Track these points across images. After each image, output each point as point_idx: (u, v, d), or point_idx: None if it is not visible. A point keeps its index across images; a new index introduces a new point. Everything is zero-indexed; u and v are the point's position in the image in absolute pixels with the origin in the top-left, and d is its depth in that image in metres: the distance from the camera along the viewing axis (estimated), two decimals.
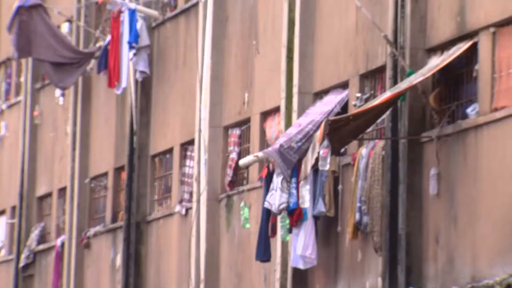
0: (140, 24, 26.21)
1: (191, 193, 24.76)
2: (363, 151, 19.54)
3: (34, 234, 31.34)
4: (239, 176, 23.48)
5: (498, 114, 17.00)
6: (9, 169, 33.43)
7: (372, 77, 19.83)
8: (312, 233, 20.09)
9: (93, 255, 28.94)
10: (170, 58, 26.23)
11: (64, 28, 29.34)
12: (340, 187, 20.17)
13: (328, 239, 20.36)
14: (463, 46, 17.72)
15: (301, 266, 20.28)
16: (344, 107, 20.02)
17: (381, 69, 19.36)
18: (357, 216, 19.44)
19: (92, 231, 28.77)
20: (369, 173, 19.33)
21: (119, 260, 27.10)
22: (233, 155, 23.70)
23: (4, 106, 33.75)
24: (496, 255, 16.87)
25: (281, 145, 19.97)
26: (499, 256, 16.80)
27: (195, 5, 24.96)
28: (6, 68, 34.00)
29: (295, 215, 20.11)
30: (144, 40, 26.32)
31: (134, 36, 26.15)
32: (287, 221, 20.36)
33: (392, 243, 18.58)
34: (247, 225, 22.62)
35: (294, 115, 21.11)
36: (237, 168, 23.37)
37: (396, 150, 18.75)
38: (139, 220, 26.73)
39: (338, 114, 19.61)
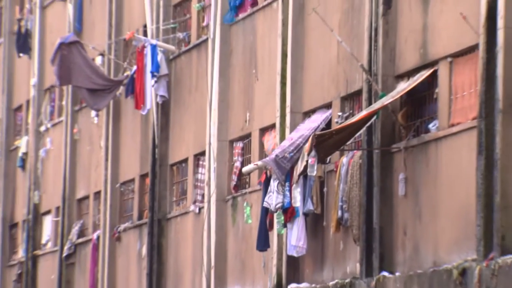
0: (160, 57, 26.20)
1: (203, 195, 24.74)
2: (344, 159, 19.52)
3: (75, 229, 31.34)
4: (242, 181, 23.43)
5: (454, 129, 17.06)
6: (53, 176, 33.38)
7: (351, 99, 19.79)
8: (303, 227, 20.06)
9: (123, 247, 28.92)
10: (185, 85, 26.19)
11: (98, 60, 29.33)
12: (325, 189, 20.12)
13: (316, 232, 20.30)
14: (425, 73, 17.74)
15: (294, 254, 20.24)
16: (328, 124, 19.97)
17: (358, 93, 19.33)
18: (339, 213, 19.40)
19: (122, 227, 28.74)
20: (349, 178, 19.33)
21: (144, 251, 27.07)
22: (237, 164, 23.65)
23: (49, 125, 33.70)
24: (453, 245, 16.88)
25: (276, 155, 19.97)
26: (456, 246, 16.80)
27: (205, 41, 24.93)
28: (50, 94, 33.97)
29: (289, 212, 20.06)
30: (164, 70, 26.31)
31: (155, 67, 26.14)
32: (282, 218, 20.29)
33: (368, 235, 18.57)
34: (249, 221, 22.59)
35: (287, 130, 21.08)
36: (240, 174, 23.34)
37: (371, 159, 18.73)
38: (160, 218, 26.64)
39: (323, 129, 19.57)
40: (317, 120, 20.30)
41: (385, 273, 18.03)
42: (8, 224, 36.40)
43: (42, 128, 34.13)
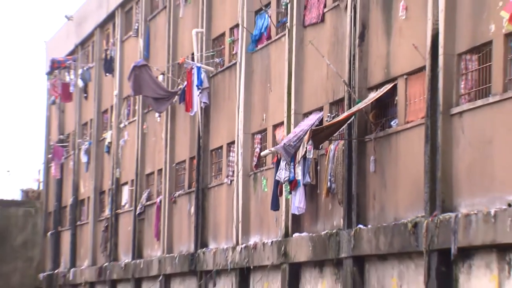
0: (203, 75, 26.24)
1: (233, 172, 24.71)
2: (332, 146, 19.44)
3: (144, 195, 31.43)
4: (260, 162, 23.39)
5: (409, 125, 17.06)
6: (129, 159, 33.50)
7: (336, 104, 19.72)
8: (303, 194, 20.03)
9: (177, 208, 28.94)
10: (220, 94, 26.22)
11: (160, 77, 29.44)
12: (318, 167, 20.04)
13: (312, 197, 20.24)
14: (388, 86, 17.69)
15: (296, 212, 20.25)
16: (321, 122, 19.94)
17: (341, 100, 19.23)
18: (328, 184, 19.41)
19: (177, 193, 28.85)
20: (335, 159, 19.29)
21: (192, 210, 27.18)
22: (257, 150, 23.66)
23: (126, 123, 33.87)
24: (408, 206, 16.88)
25: (284, 144, 19.94)
26: (410, 206, 16.80)
27: (234, 64, 24.94)
28: (127, 101, 34.09)
29: (293, 183, 20.00)
30: (205, 84, 26.34)
31: (200, 82, 26.19)
32: (288, 187, 20.26)
33: (348, 199, 18.52)
34: (265, 190, 22.56)
35: (292, 126, 21.04)
36: (259, 157, 23.31)
37: (350, 146, 18.65)
38: (203, 187, 26.63)
39: (317, 126, 19.53)
40: (313, 119, 20.25)
41: (361, 226, 17.99)
42: (98, 192, 36.69)
43: (121, 125, 34.31)
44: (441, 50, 15.72)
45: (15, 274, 41.75)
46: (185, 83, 26.97)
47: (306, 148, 19.09)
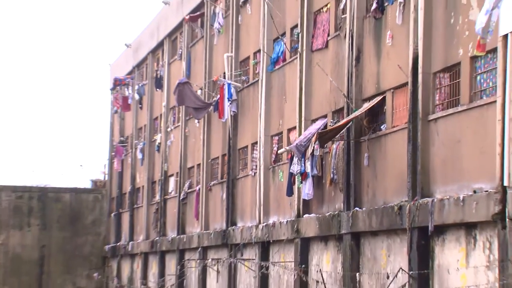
0: (232, 90, 26.20)
1: (256, 166, 24.67)
2: (334, 145, 19.38)
3: (186, 184, 31.38)
4: (278, 158, 23.34)
5: (395, 129, 17.01)
6: (174, 155, 33.59)
7: (338, 112, 19.66)
8: (311, 183, 19.98)
9: (212, 194, 28.84)
10: (246, 105, 26.15)
11: (198, 91, 29.47)
12: (323, 162, 19.99)
13: (318, 186, 20.16)
14: (379, 98, 17.64)
15: (306, 198, 20.21)
16: (325, 126, 19.86)
17: (342, 109, 19.19)
18: (332, 175, 19.34)
19: (212, 183, 28.82)
20: (337, 156, 19.25)
21: (224, 196, 27.21)
22: (275, 148, 23.59)
23: (172, 127, 33.90)
24: (394, 192, 16.81)
25: (296, 144, 19.89)
26: (396, 193, 16.73)
27: (257, 81, 24.88)
28: (172, 110, 34.07)
29: (303, 175, 19.94)
30: (234, 97, 26.29)
31: (230, 95, 26.15)
32: (300, 178, 20.22)
33: (347, 187, 18.47)
34: (282, 180, 22.52)
35: (302, 130, 21.02)
36: (277, 154, 23.22)
37: (349, 145, 18.60)
38: (233, 178, 26.58)
39: (322, 129, 19.48)
40: (319, 124, 20.17)
41: (357, 208, 17.93)
42: (151, 181, 36.71)
43: (168, 129, 34.29)
44: (420, 70, 15.70)
45: (86, 246, 42.02)
46: (218, 96, 26.94)
47: (314, 147, 19.12)
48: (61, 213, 41.41)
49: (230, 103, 26.26)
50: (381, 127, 17.68)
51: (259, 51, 24.84)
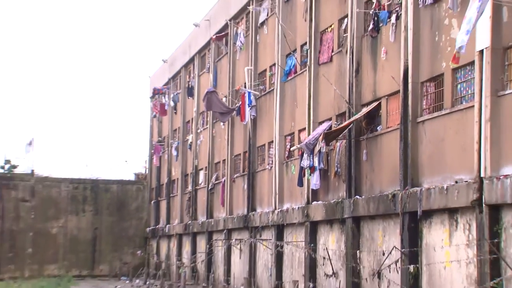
0: (252, 97, 26.19)
1: (272, 161, 24.57)
2: (338, 144, 19.30)
3: (213, 177, 31.27)
4: (290, 154, 23.22)
5: (389, 129, 16.93)
6: (203, 152, 33.44)
7: (340, 116, 19.57)
8: (318, 175, 19.86)
9: (236, 185, 28.55)
10: (264, 110, 26.01)
11: (224, 99, 29.18)
12: (329, 158, 19.90)
13: (324, 177, 20.04)
14: (375, 103, 17.57)
15: (314, 188, 20.09)
16: (330, 127, 19.69)
17: (344, 113, 19.09)
18: (336, 168, 19.29)
19: (235, 175, 28.64)
20: (340, 152, 19.17)
21: (245, 186, 27.07)
22: (288, 146, 23.45)
23: (201, 129, 33.64)
24: (389, 183, 16.75)
25: (306, 142, 19.82)
26: (390, 183, 16.67)
27: (272, 90, 24.80)
28: (202, 115, 33.77)
29: (312, 168, 19.85)
30: (253, 103, 26.24)
31: (250, 102, 26.11)
32: (309, 171, 20.10)
33: (349, 178, 18.39)
34: (294, 172, 22.41)
35: (311, 131, 20.90)
36: (289, 151, 23.12)
37: (350, 143, 18.53)
38: (252, 171, 26.49)
39: (328, 130, 19.34)
40: (325, 125, 20.08)
41: (357, 196, 17.87)
42: (184, 174, 36.31)
43: (198, 131, 34.08)
44: (410, 79, 15.68)
45: (131, 228, 42.10)
46: (240, 102, 26.90)
47: (321, 145, 19.04)
48: (110, 201, 41.46)
49: (250, 109, 26.26)
50: (377, 128, 17.63)
51: (274, 64, 24.82)
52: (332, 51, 20.16)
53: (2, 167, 41.33)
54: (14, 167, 41.46)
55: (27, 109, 73.03)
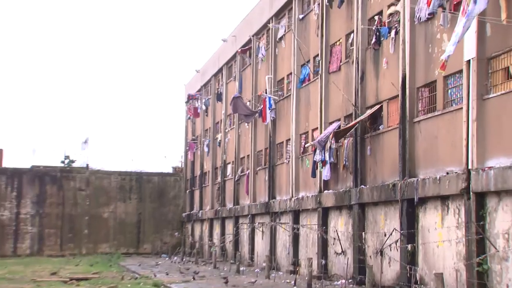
0: (272, 101, 26.22)
1: (289, 156, 24.55)
2: (346, 141, 19.25)
3: (239, 170, 31.02)
4: (305, 150, 23.13)
5: (389, 128, 16.89)
6: (231, 148, 33.34)
7: (348, 117, 19.51)
8: (329, 168, 19.85)
9: (258, 177, 28.48)
10: (282, 112, 25.97)
11: (248, 103, 29.14)
12: (338, 153, 19.85)
13: (334, 170, 20.02)
14: (377, 106, 17.54)
15: (325, 179, 20.07)
16: (339, 127, 19.63)
17: (351, 114, 19.05)
18: (344, 162, 19.22)
19: (258, 168, 28.56)
20: (348, 148, 19.09)
21: (267, 178, 26.83)
22: (303, 143, 23.41)
23: (229, 129, 33.45)
24: (390, 174, 16.70)
25: (318, 140, 19.80)
26: (390, 174, 16.63)
27: (289, 95, 24.82)
28: (229, 117, 33.64)
29: (324, 162, 19.85)
30: (273, 106, 26.19)
31: (270, 105, 26.15)
32: (321, 164, 20.10)
33: (355, 170, 18.35)
34: (308, 166, 22.38)
35: (322, 130, 20.85)
36: (304, 147, 23.07)
37: (356, 140, 18.49)
38: (273, 165, 26.48)
39: (337, 129, 19.32)
40: (334, 125, 20.02)
41: (363, 186, 17.87)
42: (214, 168, 36.38)
43: (226, 130, 34.03)
44: (407, 85, 15.66)
45: (169, 213, 42.33)
46: (262, 106, 26.90)
47: (331, 142, 19.14)
48: (152, 190, 41.73)
49: (270, 111, 26.32)
50: (380, 127, 17.62)
51: (290, 73, 24.84)
52: (341, 61, 20.17)
53: (63, 162, 42.38)
54: (72, 161, 42.53)
55: (83, 113, 74.32)
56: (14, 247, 37.74)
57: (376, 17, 17.61)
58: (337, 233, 19.48)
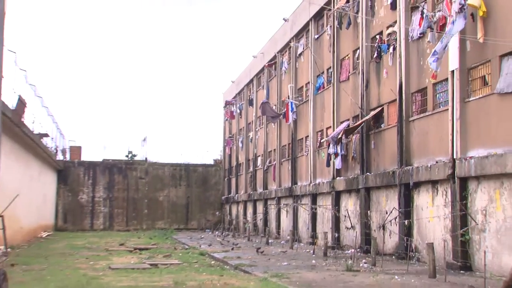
0: (293, 105, 25.72)
1: (308, 149, 24.45)
2: (354, 137, 19.20)
3: (267, 161, 30.98)
4: (321, 144, 23.07)
5: (389, 126, 16.86)
6: (260, 144, 33.12)
7: (356, 117, 19.39)
8: (340, 159, 19.78)
9: (283, 167, 28.36)
10: (302, 114, 25.68)
11: (274, 107, 28.83)
12: (348, 147, 19.79)
13: (345, 160, 19.96)
14: (379, 108, 17.51)
15: (338, 168, 19.99)
16: (348, 125, 19.51)
17: (358, 115, 19.00)
18: (353, 154, 19.16)
19: (282, 160, 28.27)
20: (355, 143, 19.01)
21: (290, 167, 26.45)
22: (319, 139, 23.29)
23: (259, 128, 32.88)
24: (390, 163, 16.71)
25: (332, 136, 19.73)
26: (390, 164, 16.64)
27: (308, 100, 24.74)
28: (259, 118, 33.42)
29: (336, 154, 19.78)
30: (294, 109, 25.92)
31: (292, 109, 25.67)
32: (334, 156, 20.04)
33: (362, 161, 18.34)
34: (323, 157, 22.28)
35: (335, 128, 20.76)
36: (320, 142, 23.06)
37: (362, 136, 18.47)
38: (294, 157, 26.36)
39: (347, 127, 19.24)
40: (344, 124, 19.88)
41: (368, 173, 17.87)
42: (247, 159, 36.32)
43: (257, 129, 33.75)
44: (403, 91, 15.71)
45: (211, 197, 42.61)
46: (285, 109, 26.84)
47: (342, 138, 19.17)
48: (197, 178, 42.12)
49: (292, 113, 26.27)
50: (381, 125, 17.63)
51: (308, 83, 24.83)
52: (349, 72, 20.19)
53: (127, 156, 43.22)
54: (134, 156, 43.31)
55: (142, 116, 75.91)
56: (91, 223, 39.09)
57: (378, 36, 17.68)
58: (347, 212, 19.58)
